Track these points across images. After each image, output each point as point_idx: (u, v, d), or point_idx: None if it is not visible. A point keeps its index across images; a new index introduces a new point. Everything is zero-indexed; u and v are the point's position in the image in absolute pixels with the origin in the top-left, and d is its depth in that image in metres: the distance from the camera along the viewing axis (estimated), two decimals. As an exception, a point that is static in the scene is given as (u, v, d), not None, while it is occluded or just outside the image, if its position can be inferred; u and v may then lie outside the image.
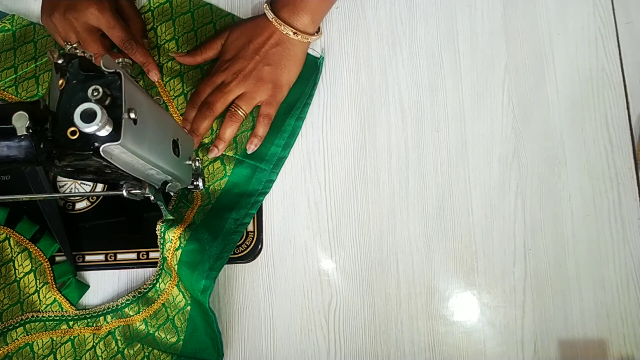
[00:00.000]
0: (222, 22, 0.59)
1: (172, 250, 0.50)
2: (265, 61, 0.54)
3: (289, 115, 0.57)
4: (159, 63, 0.57)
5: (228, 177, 0.55)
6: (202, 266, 0.49)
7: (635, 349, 0.54)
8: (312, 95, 0.58)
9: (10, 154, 0.34)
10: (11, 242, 0.53)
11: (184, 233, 0.50)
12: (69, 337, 0.52)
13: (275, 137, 0.56)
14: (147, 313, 0.52)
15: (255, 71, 0.54)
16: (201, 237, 0.51)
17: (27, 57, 0.57)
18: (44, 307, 0.52)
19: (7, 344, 0.51)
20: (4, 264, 0.52)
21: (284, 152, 0.56)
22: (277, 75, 0.55)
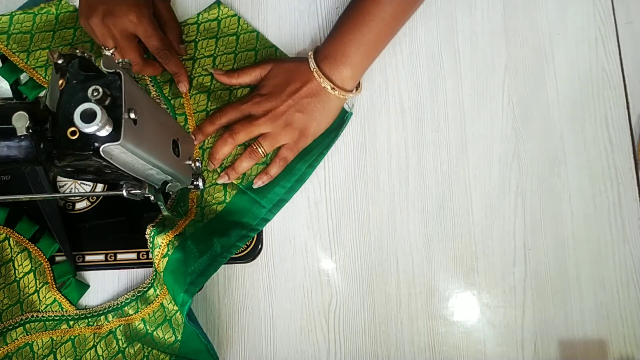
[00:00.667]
0: (265, 52, 0.59)
1: (159, 256, 0.50)
2: (297, 107, 0.53)
3: (302, 160, 0.56)
4: (190, 75, 0.57)
5: (226, 204, 0.55)
6: (183, 278, 0.49)
7: (635, 349, 0.54)
8: (329, 146, 0.57)
9: (10, 154, 0.34)
10: (11, 242, 0.53)
11: (173, 240, 0.50)
12: (69, 337, 0.52)
13: (283, 178, 0.55)
14: (145, 312, 0.52)
15: (286, 115, 0.53)
16: (189, 249, 0.50)
17: (64, 42, 0.57)
18: (43, 307, 0.52)
19: (7, 344, 0.51)
20: (3, 264, 0.52)
21: (287, 195, 0.55)
22: (307, 125, 0.54)
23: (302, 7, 0.61)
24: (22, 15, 0.57)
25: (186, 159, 0.45)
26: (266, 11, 0.61)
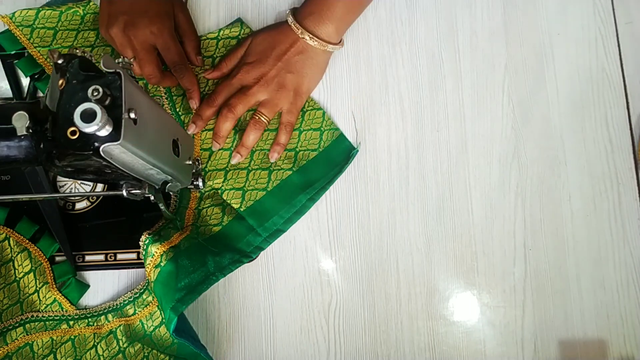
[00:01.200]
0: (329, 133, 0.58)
1: (151, 265, 0.49)
2: (287, 68, 0.54)
3: (303, 193, 0.55)
4: (203, 91, 0.57)
5: (222, 226, 0.54)
6: (172, 293, 0.48)
7: (635, 349, 0.54)
8: (332, 181, 0.56)
9: (10, 154, 0.34)
10: (11, 242, 0.53)
11: (167, 252, 0.49)
12: (69, 337, 0.52)
13: (282, 208, 0.55)
14: (143, 314, 0.52)
15: (278, 78, 0.54)
16: (181, 263, 0.49)
17: (86, 43, 0.57)
18: (44, 307, 0.52)
19: (7, 344, 0.51)
20: (3, 264, 0.52)
21: (285, 225, 0.54)
22: (299, 83, 0.55)
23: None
24: (48, 11, 0.56)
25: (186, 159, 0.45)
26: (266, 11, 0.61)
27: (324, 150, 0.57)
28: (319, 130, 0.57)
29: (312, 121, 0.57)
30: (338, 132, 0.57)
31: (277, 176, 0.55)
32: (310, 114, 0.58)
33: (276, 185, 0.55)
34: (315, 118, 0.57)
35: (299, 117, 0.57)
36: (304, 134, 0.57)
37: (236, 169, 0.55)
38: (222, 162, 0.56)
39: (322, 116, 0.57)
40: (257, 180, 0.55)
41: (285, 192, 0.55)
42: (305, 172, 0.56)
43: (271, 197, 0.55)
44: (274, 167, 0.56)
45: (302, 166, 0.56)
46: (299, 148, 0.57)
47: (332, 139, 0.57)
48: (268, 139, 0.56)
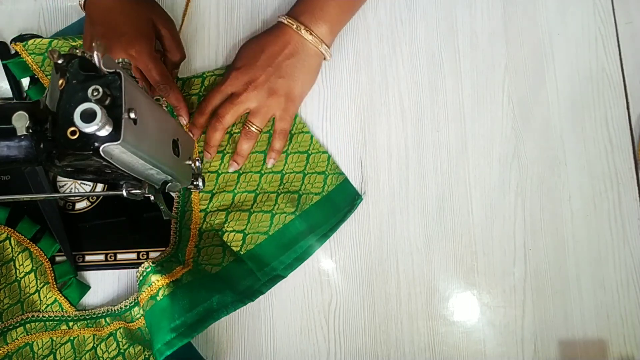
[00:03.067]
0: (300, 137, 0.57)
1: (147, 295, 0.48)
2: (278, 73, 0.52)
3: (304, 239, 0.54)
4: None
5: (222, 267, 0.53)
6: (163, 334, 0.46)
7: (635, 349, 0.54)
8: (335, 229, 0.55)
9: (10, 154, 0.34)
10: (12, 241, 0.53)
11: (166, 287, 0.48)
12: (69, 338, 0.52)
13: (283, 253, 0.53)
14: (141, 322, 0.52)
15: (268, 83, 0.52)
16: (178, 300, 0.47)
17: None
18: (44, 307, 0.52)
19: (7, 344, 0.51)
20: (4, 264, 0.52)
21: (285, 271, 0.53)
22: (291, 88, 0.54)
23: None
24: (61, 41, 0.56)
25: (186, 159, 0.45)
26: (266, 11, 0.61)
27: (328, 194, 0.56)
28: (323, 174, 0.56)
29: (317, 164, 0.56)
30: (343, 176, 0.56)
31: (280, 220, 0.54)
32: (307, 147, 0.57)
33: (278, 230, 0.54)
34: (321, 162, 0.56)
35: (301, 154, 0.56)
36: (308, 177, 0.56)
37: (238, 210, 0.54)
38: (225, 203, 0.55)
39: (327, 160, 0.56)
40: (259, 224, 0.54)
41: (286, 237, 0.54)
42: (308, 217, 0.55)
43: (272, 242, 0.54)
44: (276, 210, 0.54)
45: (305, 210, 0.55)
46: (302, 191, 0.56)
47: (336, 183, 0.56)
48: (273, 180, 0.55)
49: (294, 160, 0.56)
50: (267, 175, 0.56)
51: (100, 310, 0.53)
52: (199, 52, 0.59)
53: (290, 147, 0.56)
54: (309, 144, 0.56)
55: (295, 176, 0.56)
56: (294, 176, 0.56)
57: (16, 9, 0.60)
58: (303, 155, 0.56)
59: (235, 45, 0.59)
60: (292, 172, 0.56)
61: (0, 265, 0.52)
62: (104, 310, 0.53)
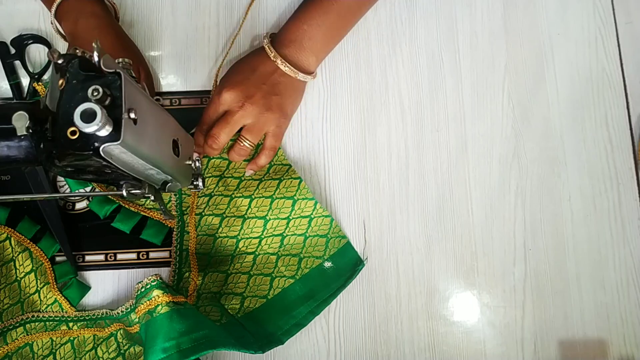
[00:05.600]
0: (320, 220, 0.55)
1: (144, 309, 0.47)
2: (273, 90, 0.52)
3: (303, 305, 0.53)
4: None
5: (220, 324, 0.51)
6: (153, 352, 0.44)
7: (635, 349, 0.54)
8: (335, 295, 0.53)
9: (10, 154, 0.34)
10: (12, 241, 0.53)
11: (165, 304, 0.47)
12: (69, 338, 0.52)
13: (281, 319, 0.52)
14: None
15: (264, 100, 0.52)
16: (174, 324, 0.46)
17: None
18: (44, 308, 0.52)
19: (7, 344, 0.51)
20: (4, 264, 0.52)
21: (283, 337, 0.52)
22: (285, 105, 0.53)
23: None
24: None
25: (186, 159, 0.45)
26: (266, 11, 0.61)
27: (329, 258, 0.55)
28: (325, 237, 0.55)
29: (319, 227, 0.55)
30: (345, 240, 0.55)
31: (279, 284, 0.53)
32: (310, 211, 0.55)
33: (277, 294, 0.53)
34: (323, 225, 0.55)
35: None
36: (309, 239, 0.55)
37: (238, 273, 0.54)
38: (224, 266, 0.54)
39: (330, 223, 0.55)
40: (258, 287, 0.53)
41: (286, 302, 0.53)
42: (308, 281, 0.54)
43: (271, 307, 0.53)
44: (276, 273, 0.54)
45: (305, 275, 0.54)
46: (303, 254, 0.54)
47: (338, 247, 0.55)
48: (273, 242, 0.55)
49: (295, 223, 0.55)
50: (267, 238, 0.54)
51: (99, 313, 0.53)
52: (199, 52, 0.59)
53: (293, 213, 0.55)
54: (313, 208, 0.55)
55: (296, 238, 0.55)
56: (295, 238, 0.55)
57: (16, 9, 0.60)
58: (305, 219, 0.55)
59: (235, 45, 0.59)
60: (294, 235, 0.55)
61: (1, 266, 0.52)
62: (103, 312, 0.53)
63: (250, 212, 0.54)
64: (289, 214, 0.55)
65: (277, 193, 0.55)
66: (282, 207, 0.54)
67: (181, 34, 0.59)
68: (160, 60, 0.59)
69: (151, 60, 0.59)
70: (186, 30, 0.60)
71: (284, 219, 0.54)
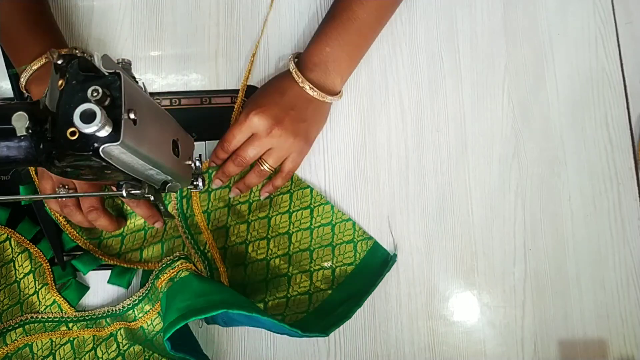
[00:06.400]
0: (342, 225, 0.56)
1: (167, 277, 0.49)
2: (300, 116, 0.52)
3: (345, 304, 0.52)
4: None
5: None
6: (169, 313, 0.45)
7: (635, 349, 0.54)
8: (375, 286, 0.53)
9: (10, 154, 0.34)
10: (12, 242, 0.53)
11: (186, 270, 0.48)
12: (69, 339, 0.52)
13: (324, 321, 0.51)
14: (144, 320, 0.52)
15: (292, 126, 0.51)
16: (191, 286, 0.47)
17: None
18: (43, 308, 0.52)
19: (6, 345, 0.51)
20: (4, 265, 0.52)
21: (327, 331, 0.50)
22: (310, 132, 0.54)
23: (302, 7, 0.61)
24: None
25: (186, 159, 0.45)
26: (266, 11, 0.61)
27: (361, 262, 0.55)
28: (352, 242, 0.55)
29: (344, 234, 0.55)
30: (372, 241, 0.56)
31: (318, 298, 0.53)
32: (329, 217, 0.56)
33: (317, 307, 0.53)
34: (347, 230, 0.55)
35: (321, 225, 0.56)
36: (337, 248, 0.55)
37: (275, 299, 0.53)
38: (260, 295, 0.53)
39: (353, 227, 0.55)
40: (297, 306, 0.53)
41: (327, 309, 0.53)
42: (345, 288, 0.54)
43: (313, 316, 0.53)
44: (312, 289, 0.54)
45: (341, 283, 0.54)
46: (334, 265, 0.55)
47: (367, 249, 0.55)
48: (303, 258, 0.54)
49: (319, 233, 0.55)
50: (295, 254, 0.55)
51: (100, 311, 0.53)
52: (199, 52, 0.59)
53: (314, 221, 0.55)
54: (331, 213, 0.55)
55: (324, 250, 0.55)
56: (324, 250, 0.55)
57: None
58: (327, 227, 0.55)
59: (235, 45, 0.59)
60: (321, 247, 0.55)
61: (0, 266, 0.52)
62: (104, 310, 0.53)
63: (271, 231, 0.55)
64: (310, 223, 0.55)
65: (292, 206, 0.55)
66: (302, 219, 0.55)
67: (181, 34, 0.59)
68: (160, 60, 0.59)
69: (151, 60, 0.59)
70: (186, 30, 0.60)
71: (306, 230, 0.55)
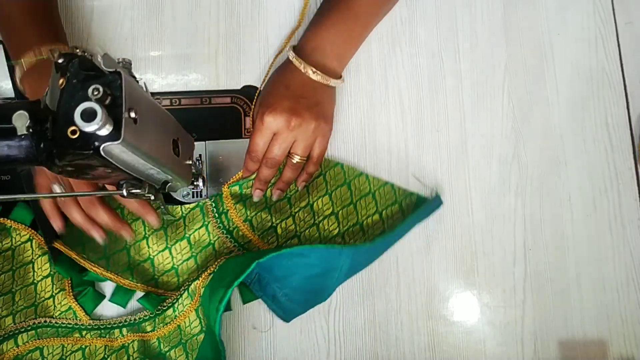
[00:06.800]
0: (383, 191, 0.56)
1: (209, 273, 0.50)
2: (312, 101, 0.52)
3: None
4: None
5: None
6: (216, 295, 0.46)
7: (635, 349, 0.54)
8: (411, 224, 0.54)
9: (10, 154, 0.34)
10: (33, 244, 0.52)
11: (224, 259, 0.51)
12: (80, 346, 0.51)
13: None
14: (162, 332, 0.52)
15: (308, 113, 0.51)
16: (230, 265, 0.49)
17: None
18: (58, 314, 0.52)
19: (17, 346, 0.50)
20: (23, 266, 0.52)
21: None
22: (326, 112, 0.54)
23: (302, 6, 0.61)
24: None
25: (186, 159, 0.45)
26: (266, 11, 0.61)
27: (411, 216, 0.54)
28: (396, 203, 0.55)
29: (386, 199, 0.55)
30: (414, 195, 0.56)
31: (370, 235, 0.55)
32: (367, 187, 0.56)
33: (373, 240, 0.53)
34: (387, 194, 0.55)
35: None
36: (384, 213, 0.55)
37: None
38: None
39: (393, 189, 0.56)
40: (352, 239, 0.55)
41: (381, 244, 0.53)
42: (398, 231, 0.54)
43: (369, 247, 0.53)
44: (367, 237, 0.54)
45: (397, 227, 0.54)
46: (386, 227, 0.55)
47: (412, 204, 0.55)
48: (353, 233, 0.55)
49: (362, 205, 0.55)
50: (346, 232, 0.55)
51: (116, 320, 0.52)
52: (199, 52, 0.59)
53: (353, 195, 0.55)
54: (367, 182, 0.56)
55: (372, 219, 0.55)
56: (371, 219, 0.55)
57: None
58: (369, 196, 0.55)
59: (235, 45, 0.59)
60: (368, 217, 0.55)
61: (19, 267, 0.52)
62: (120, 320, 0.52)
63: (317, 216, 0.55)
64: (351, 198, 0.55)
65: (329, 187, 0.56)
66: (342, 196, 0.55)
67: (181, 34, 0.59)
68: (160, 60, 0.59)
69: (151, 60, 0.59)
70: (186, 30, 0.60)
71: (349, 205, 0.55)
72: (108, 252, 0.53)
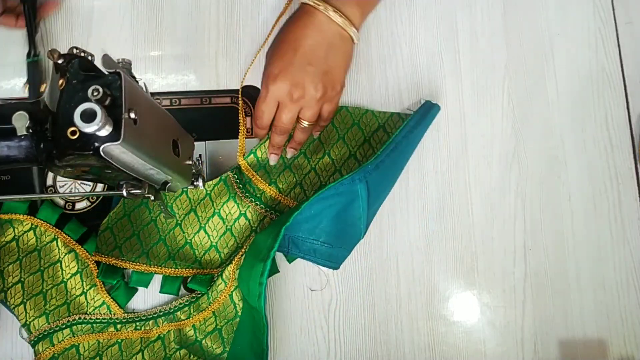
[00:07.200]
0: (391, 122, 0.57)
1: (239, 256, 0.50)
2: (319, 69, 0.50)
3: None
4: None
5: None
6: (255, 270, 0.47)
7: (635, 349, 0.54)
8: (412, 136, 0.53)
9: (10, 154, 0.34)
10: (59, 243, 0.52)
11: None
12: (116, 340, 0.51)
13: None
14: (197, 319, 0.52)
15: (313, 85, 0.50)
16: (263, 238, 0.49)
17: None
18: (91, 310, 0.51)
19: (53, 345, 0.50)
20: (51, 265, 0.52)
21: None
22: (335, 80, 0.52)
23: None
24: None
25: (186, 159, 0.45)
26: (266, 11, 0.61)
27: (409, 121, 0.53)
28: (381, 128, 0.57)
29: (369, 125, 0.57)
30: (397, 114, 0.57)
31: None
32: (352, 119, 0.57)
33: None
34: (370, 121, 0.57)
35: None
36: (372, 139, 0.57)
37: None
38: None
39: (400, 116, 0.57)
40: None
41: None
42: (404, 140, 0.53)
43: None
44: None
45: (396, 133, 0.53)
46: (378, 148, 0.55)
47: (398, 123, 0.57)
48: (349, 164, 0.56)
49: (377, 139, 0.57)
50: (343, 167, 0.56)
51: (151, 312, 0.52)
52: (199, 52, 0.59)
53: (365, 133, 0.57)
54: (374, 116, 0.57)
55: (363, 147, 0.56)
56: (364, 147, 0.57)
57: (16, 9, 0.60)
58: (380, 131, 0.57)
59: (235, 45, 0.59)
60: (359, 146, 0.57)
61: (47, 267, 0.52)
62: (155, 311, 0.52)
63: (337, 163, 0.56)
64: (364, 136, 0.57)
65: (340, 131, 0.57)
66: (355, 136, 0.57)
67: (181, 34, 0.59)
68: (160, 60, 0.59)
69: (151, 60, 0.59)
70: (186, 30, 0.60)
71: (364, 143, 0.57)
72: (145, 248, 0.53)
